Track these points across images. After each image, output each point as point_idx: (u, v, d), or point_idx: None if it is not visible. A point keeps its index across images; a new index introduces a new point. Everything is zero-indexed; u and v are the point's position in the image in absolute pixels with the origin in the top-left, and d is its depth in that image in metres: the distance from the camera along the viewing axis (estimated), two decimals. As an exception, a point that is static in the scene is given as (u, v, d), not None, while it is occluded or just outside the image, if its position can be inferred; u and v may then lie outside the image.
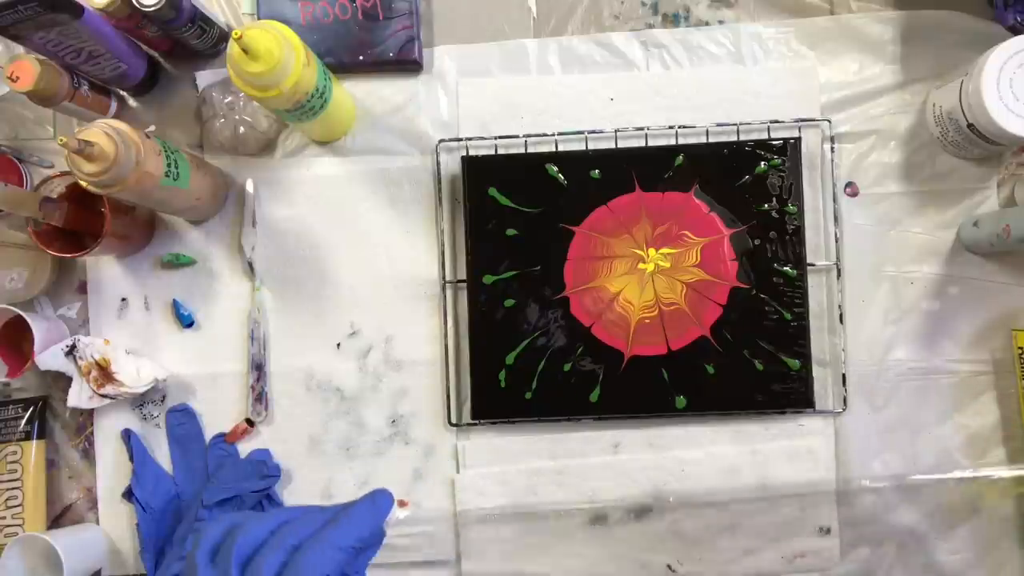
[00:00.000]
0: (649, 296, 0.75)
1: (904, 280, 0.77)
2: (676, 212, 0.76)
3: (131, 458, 0.79)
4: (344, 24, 0.78)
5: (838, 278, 0.76)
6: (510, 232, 0.77)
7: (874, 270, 0.77)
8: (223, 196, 0.80)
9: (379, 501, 0.48)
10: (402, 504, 0.78)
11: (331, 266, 0.79)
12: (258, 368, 0.78)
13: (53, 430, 0.82)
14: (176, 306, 0.80)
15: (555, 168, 0.77)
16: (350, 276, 0.79)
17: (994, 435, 0.76)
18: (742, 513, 0.76)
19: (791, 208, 0.75)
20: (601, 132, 0.78)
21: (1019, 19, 0.72)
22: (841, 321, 0.76)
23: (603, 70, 0.79)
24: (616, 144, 0.77)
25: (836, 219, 0.76)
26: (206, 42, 0.78)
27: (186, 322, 0.80)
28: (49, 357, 0.77)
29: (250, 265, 0.80)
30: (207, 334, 0.80)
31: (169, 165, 0.68)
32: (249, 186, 0.80)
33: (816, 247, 0.76)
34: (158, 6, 0.68)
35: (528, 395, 0.76)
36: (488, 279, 0.77)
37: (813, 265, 0.76)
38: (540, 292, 0.76)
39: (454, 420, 0.78)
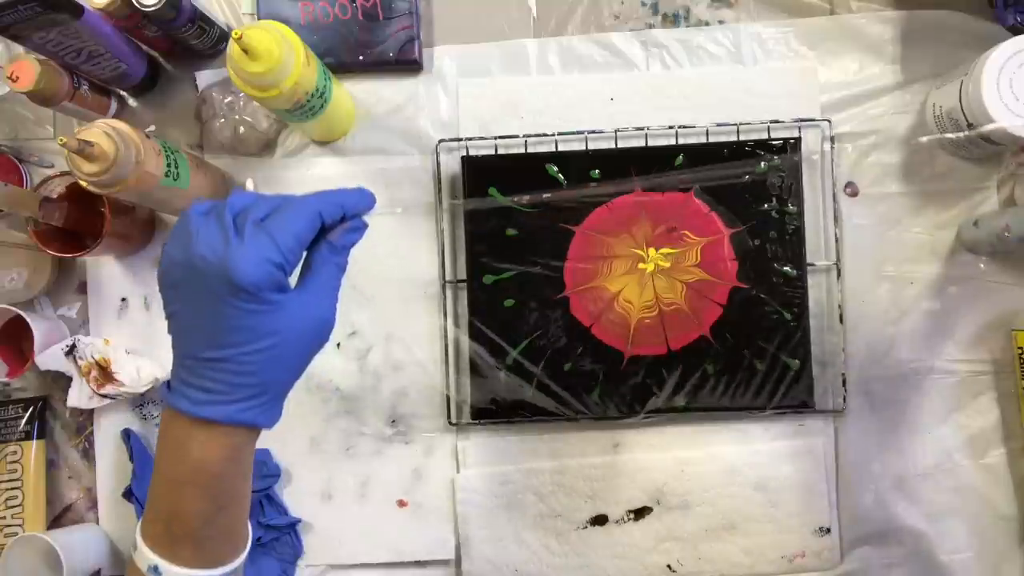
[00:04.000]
0: (649, 296, 0.75)
1: (904, 280, 0.76)
2: (676, 212, 0.76)
3: (131, 458, 0.79)
4: (344, 24, 0.78)
5: (838, 278, 0.76)
6: (510, 232, 0.77)
7: (874, 270, 0.76)
8: (223, 196, 0.80)
9: (365, 193, 0.50)
10: (402, 504, 0.78)
11: (331, 266, 0.79)
12: (258, 368, 0.78)
13: (53, 430, 0.82)
14: (176, 306, 0.80)
15: (555, 168, 0.77)
16: (350, 276, 0.78)
17: (994, 435, 0.76)
18: (742, 513, 0.76)
19: (791, 208, 0.75)
20: (601, 132, 0.78)
21: (1019, 19, 0.72)
22: (841, 321, 0.76)
23: (603, 70, 0.79)
24: (616, 144, 0.77)
25: (836, 219, 0.76)
26: (206, 42, 0.78)
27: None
28: (49, 357, 0.77)
29: (250, 265, 0.80)
30: (207, 334, 0.80)
31: (169, 165, 0.68)
32: (249, 186, 0.80)
33: (816, 247, 0.76)
34: (158, 6, 0.69)
35: (528, 395, 0.76)
36: (488, 279, 0.77)
37: (813, 265, 0.76)
38: (540, 292, 0.76)
39: (454, 420, 0.78)
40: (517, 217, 0.77)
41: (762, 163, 0.75)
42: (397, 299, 0.79)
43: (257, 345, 0.44)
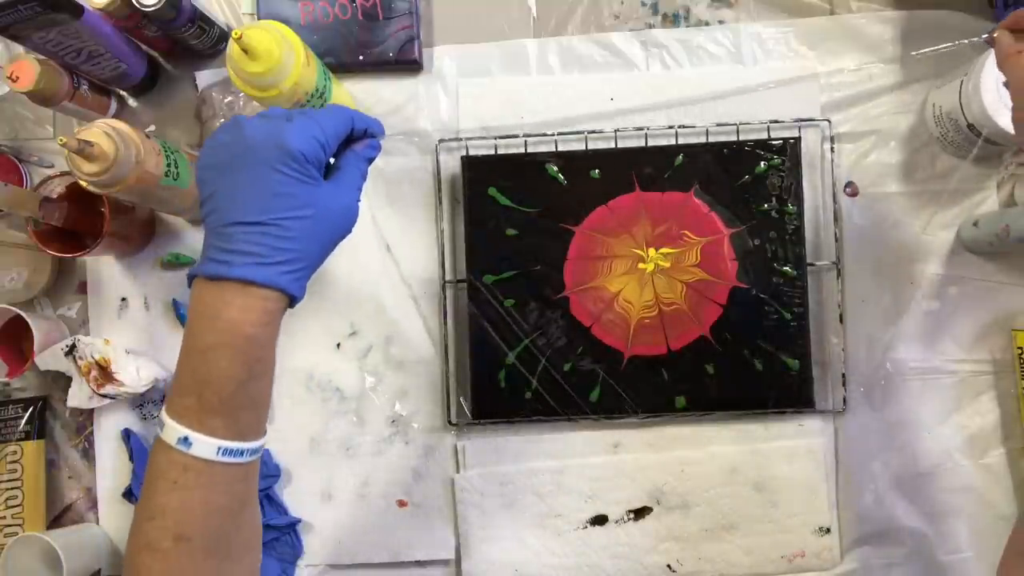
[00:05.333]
0: (649, 296, 0.75)
1: (904, 280, 0.76)
2: (676, 212, 0.76)
3: (131, 458, 0.79)
4: (344, 24, 0.78)
5: (838, 278, 0.76)
6: (510, 232, 0.77)
7: (874, 270, 0.77)
8: (223, 196, 0.80)
9: (379, 122, 0.56)
10: (402, 504, 0.78)
11: (331, 266, 0.79)
12: (258, 368, 0.78)
13: (53, 430, 0.82)
14: (176, 306, 0.80)
15: (555, 168, 0.77)
16: (350, 276, 0.79)
17: (994, 435, 0.76)
18: (742, 513, 0.76)
19: (791, 208, 0.75)
20: (601, 132, 0.78)
21: (1019, 19, 0.72)
22: (841, 321, 0.76)
23: (603, 70, 0.79)
24: (616, 144, 0.77)
25: (836, 219, 0.76)
26: (206, 42, 0.78)
27: (186, 322, 0.80)
28: (49, 357, 0.77)
29: (250, 265, 0.80)
30: (207, 334, 0.80)
31: (169, 165, 0.68)
32: (249, 186, 0.79)
33: (816, 247, 0.76)
34: (158, 6, 0.69)
35: (528, 395, 0.76)
36: (488, 279, 0.77)
37: (813, 265, 0.76)
38: (540, 292, 0.76)
39: (454, 420, 0.78)
40: (517, 217, 0.77)
41: (762, 163, 0.75)
42: (397, 299, 0.79)
43: (299, 212, 0.48)
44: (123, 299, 0.81)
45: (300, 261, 0.49)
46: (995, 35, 0.56)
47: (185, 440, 0.47)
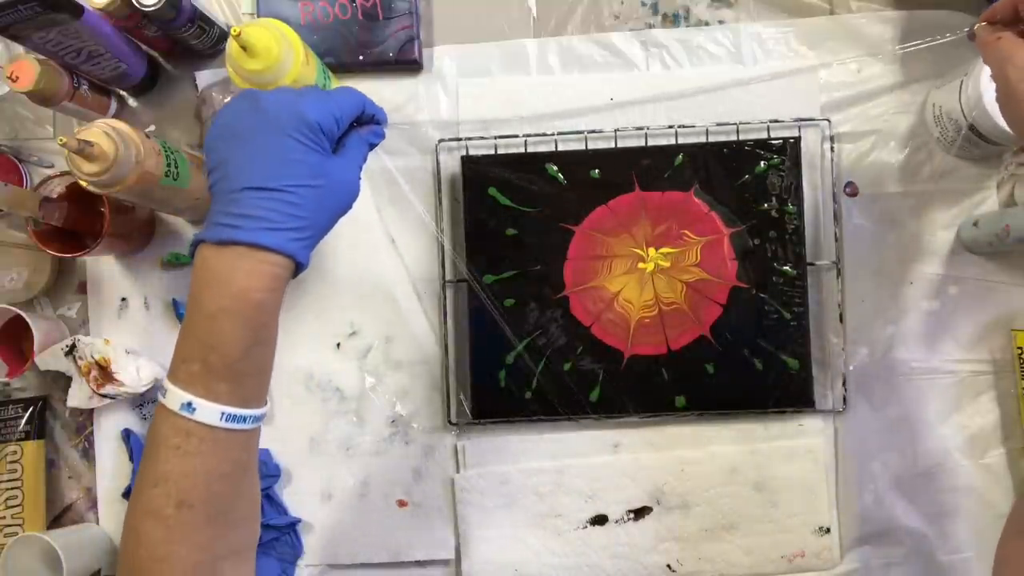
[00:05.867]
0: (649, 295, 0.75)
1: (904, 280, 0.76)
2: (676, 211, 0.76)
3: (131, 458, 0.79)
4: (344, 24, 0.78)
5: (838, 277, 0.76)
6: (510, 232, 0.77)
7: (874, 270, 0.76)
8: (223, 196, 0.80)
9: (384, 111, 0.59)
10: (402, 504, 0.78)
11: (331, 266, 0.79)
12: (258, 368, 0.78)
13: (53, 430, 0.82)
14: (176, 306, 0.80)
15: (555, 168, 0.77)
16: (350, 276, 0.79)
17: (994, 435, 0.76)
18: (742, 513, 0.76)
19: (791, 208, 0.75)
20: (601, 132, 0.78)
21: (1019, 19, 0.72)
22: (841, 321, 0.76)
23: (603, 70, 0.79)
24: (616, 144, 0.77)
25: (836, 219, 0.76)
26: (206, 42, 0.78)
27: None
28: (49, 357, 0.77)
29: (250, 265, 0.80)
30: (207, 334, 0.80)
31: (169, 165, 0.68)
32: (249, 186, 0.79)
33: (816, 247, 0.76)
34: (158, 6, 0.69)
35: (528, 394, 0.76)
36: (488, 279, 0.77)
37: (813, 264, 0.76)
38: (540, 292, 0.76)
39: (454, 420, 0.78)
40: (517, 217, 0.77)
41: (762, 163, 0.75)
42: (397, 299, 0.79)
43: (311, 182, 0.50)
44: (123, 299, 0.81)
45: (308, 229, 0.50)
46: (975, 29, 0.58)
47: (189, 405, 0.47)
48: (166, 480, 0.47)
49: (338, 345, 0.79)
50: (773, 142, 0.75)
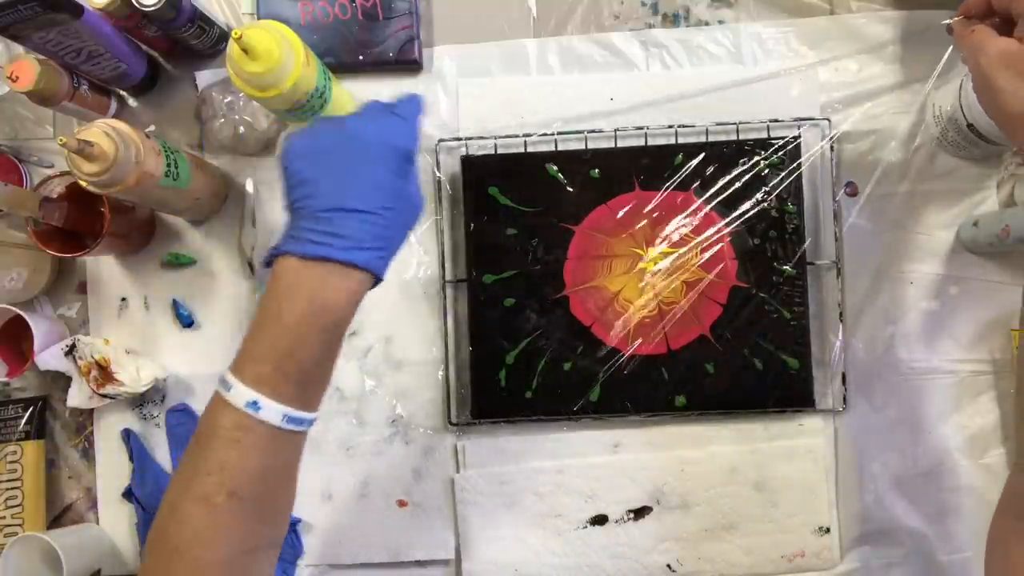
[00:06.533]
0: (649, 295, 0.75)
1: (904, 280, 0.76)
2: (676, 211, 0.76)
3: (131, 458, 0.79)
4: (344, 24, 0.78)
5: (838, 277, 0.76)
6: (510, 232, 0.77)
7: (874, 270, 0.76)
8: (223, 196, 0.80)
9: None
10: (402, 504, 0.78)
11: (331, 266, 0.79)
12: (258, 368, 0.78)
13: (53, 430, 0.82)
14: (176, 306, 0.80)
15: (555, 168, 0.77)
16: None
17: (994, 435, 0.76)
18: (742, 513, 0.76)
19: (791, 207, 0.75)
20: (601, 132, 0.78)
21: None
22: (841, 320, 0.76)
23: (603, 70, 0.79)
24: (616, 144, 0.77)
25: (836, 218, 0.76)
26: (206, 42, 0.78)
27: (186, 322, 0.80)
28: (49, 357, 0.77)
29: (250, 265, 0.80)
30: (207, 334, 0.80)
31: (169, 165, 0.68)
32: (249, 186, 0.80)
33: (816, 246, 0.76)
34: (158, 6, 0.69)
35: (528, 394, 0.76)
36: (488, 279, 0.77)
37: (813, 264, 0.76)
38: (540, 291, 0.76)
39: (454, 420, 0.78)
40: (517, 217, 0.77)
41: (762, 163, 0.75)
42: (397, 299, 0.79)
43: (395, 204, 0.53)
44: (123, 299, 0.81)
45: (390, 248, 0.54)
46: (952, 23, 0.60)
47: (255, 404, 0.49)
48: (221, 470, 0.49)
49: (338, 345, 0.79)
50: (773, 142, 0.75)
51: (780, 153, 0.75)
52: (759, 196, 0.75)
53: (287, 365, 0.50)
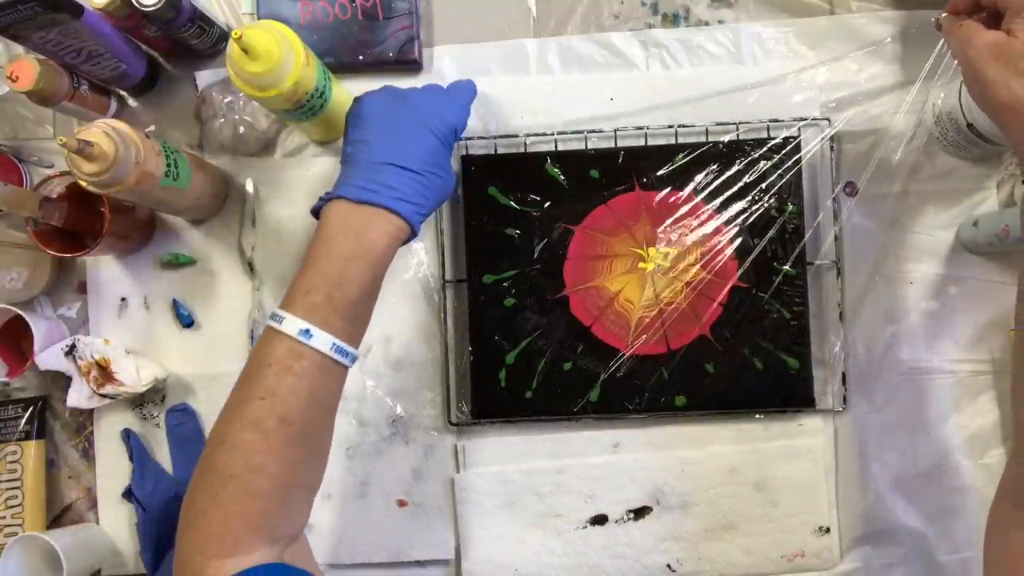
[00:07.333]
0: (649, 295, 0.75)
1: (904, 280, 0.76)
2: (676, 211, 0.76)
3: (131, 458, 0.79)
4: (344, 24, 0.78)
5: (838, 277, 0.76)
6: (510, 232, 0.77)
7: (874, 270, 0.76)
8: (223, 196, 0.80)
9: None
10: (402, 504, 0.78)
11: (331, 266, 0.79)
12: (258, 368, 0.78)
13: (53, 430, 0.82)
14: (176, 306, 0.80)
15: (555, 168, 0.77)
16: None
17: (994, 435, 0.76)
18: (742, 513, 0.76)
19: (791, 207, 0.75)
20: (601, 132, 0.78)
21: (1019, 19, 0.72)
22: (841, 320, 0.76)
23: (603, 70, 0.79)
24: (616, 143, 0.77)
25: (836, 218, 0.76)
26: (206, 42, 0.78)
27: (186, 322, 0.80)
28: (49, 357, 0.77)
29: (250, 265, 0.80)
30: (207, 334, 0.80)
31: (169, 165, 0.68)
32: (249, 186, 0.80)
33: (816, 246, 0.76)
34: (158, 6, 0.69)
35: (528, 394, 0.76)
36: (488, 279, 0.77)
37: (812, 264, 0.76)
38: (540, 291, 0.76)
39: (454, 420, 0.78)
40: (517, 217, 0.77)
41: (762, 163, 0.75)
42: (397, 299, 0.79)
43: (437, 171, 0.63)
44: (123, 299, 0.81)
45: (427, 207, 0.62)
46: (940, 19, 0.61)
47: (307, 332, 0.54)
48: (273, 395, 0.53)
49: (338, 345, 0.79)
50: (773, 142, 0.75)
51: (780, 153, 0.75)
52: (759, 196, 0.75)
53: (338, 296, 0.56)
